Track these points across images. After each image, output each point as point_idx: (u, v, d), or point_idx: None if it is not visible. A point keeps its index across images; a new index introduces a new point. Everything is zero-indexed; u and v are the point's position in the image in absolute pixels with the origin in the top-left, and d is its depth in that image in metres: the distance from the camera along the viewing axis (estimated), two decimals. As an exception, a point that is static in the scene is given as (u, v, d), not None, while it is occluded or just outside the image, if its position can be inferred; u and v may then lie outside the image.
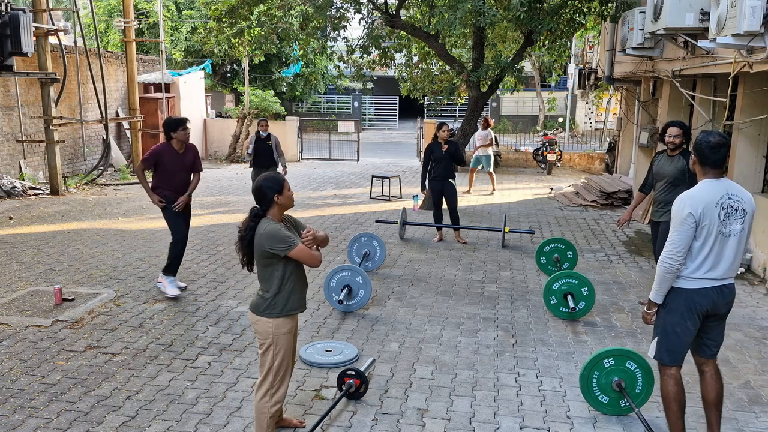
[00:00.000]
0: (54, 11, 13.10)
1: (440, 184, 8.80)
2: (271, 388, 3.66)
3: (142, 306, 6.22)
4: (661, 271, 3.57)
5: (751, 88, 7.55)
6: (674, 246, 3.51)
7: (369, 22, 11.59)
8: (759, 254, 7.55)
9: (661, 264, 3.56)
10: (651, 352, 3.80)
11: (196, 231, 9.48)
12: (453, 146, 8.74)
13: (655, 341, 3.76)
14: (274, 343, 3.63)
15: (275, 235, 3.48)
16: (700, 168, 3.60)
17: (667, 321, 3.67)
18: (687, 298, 3.59)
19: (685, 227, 3.48)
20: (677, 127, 5.96)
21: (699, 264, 3.54)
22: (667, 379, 3.75)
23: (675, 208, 3.53)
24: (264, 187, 3.56)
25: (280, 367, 3.66)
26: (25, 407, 4.25)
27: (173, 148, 6.45)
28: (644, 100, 12.14)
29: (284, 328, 3.62)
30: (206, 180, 14.96)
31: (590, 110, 29.14)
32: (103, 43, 22.97)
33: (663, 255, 3.55)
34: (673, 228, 3.53)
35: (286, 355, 3.66)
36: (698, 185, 3.58)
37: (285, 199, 3.59)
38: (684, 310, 3.61)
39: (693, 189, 3.57)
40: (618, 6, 9.93)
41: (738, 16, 5.72)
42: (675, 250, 3.51)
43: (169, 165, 6.42)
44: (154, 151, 6.45)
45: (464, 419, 4.21)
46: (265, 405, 3.66)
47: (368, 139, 27.64)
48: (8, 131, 12.67)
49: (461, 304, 6.48)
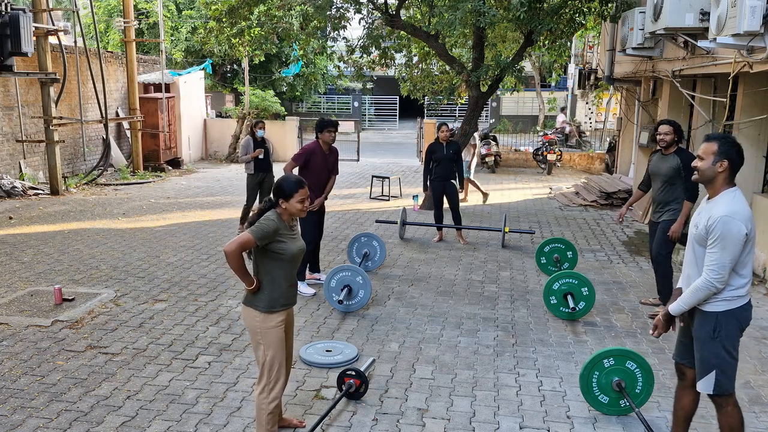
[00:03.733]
0: (54, 11, 13.10)
1: (441, 185, 8.81)
2: (267, 384, 3.67)
3: (142, 306, 6.22)
4: (704, 293, 3.30)
5: (751, 88, 7.55)
6: (725, 269, 3.24)
7: (369, 22, 11.58)
8: (759, 254, 7.55)
9: (709, 287, 3.27)
10: (708, 389, 3.41)
11: (196, 231, 9.49)
12: (454, 147, 8.76)
13: (711, 375, 3.38)
14: (263, 338, 3.64)
15: (263, 220, 3.56)
16: (729, 177, 3.31)
17: (726, 350, 3.36)
18: (739, 318, 3.36)
19: (738, 248, 3.23)
20: (667, 125, 5.94)
21: (745, 279, 3.33)
22: (733, 409, 3.45)
23: (724, 229, 3.20)
24: (277, 187, 3.64)
25: (273, 362, 3.65)
26: (25, 407, 4.25)
27: (321, 148, 6.59)
28: (644, 100, 12.14)
29: (271, 322, 3.63)
30: (206, 180, 14.97)
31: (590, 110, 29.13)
32: (103, 43, 22.97)
33: (711, 278, 3.25)
34: (724, 249, 3.22)
35: (277, 350, 3.66)
36: (736, 197, 3.30)
37: (291, 208, 3.62)
38: (738, 332, 3.38)
39: (733, 203, 3.27)
40: (618, 6, 9.93)
41: (738, 16, 5.72)
42: (724, 273, 3.24)
43: (317, 164, 6.57)
44: (306, 150, 6.60)
45: (464, 419, 4.21)
46: (263, 401, 3.67)
47: (368, 139, 27.63)
48: (8, 131, 12.67)
49: (461, 304, 6.48)
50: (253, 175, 9.17)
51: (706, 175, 3.35)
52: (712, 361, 3.37)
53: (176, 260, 7.87)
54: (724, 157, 3.28)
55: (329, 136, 6.57)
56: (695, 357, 3.48)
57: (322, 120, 6.66)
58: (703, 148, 3.36)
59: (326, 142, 6.60)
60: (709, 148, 3.33)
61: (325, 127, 6.55)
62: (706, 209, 3.38)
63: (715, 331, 3.34)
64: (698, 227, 3.36)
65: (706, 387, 3.42)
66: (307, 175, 6.58)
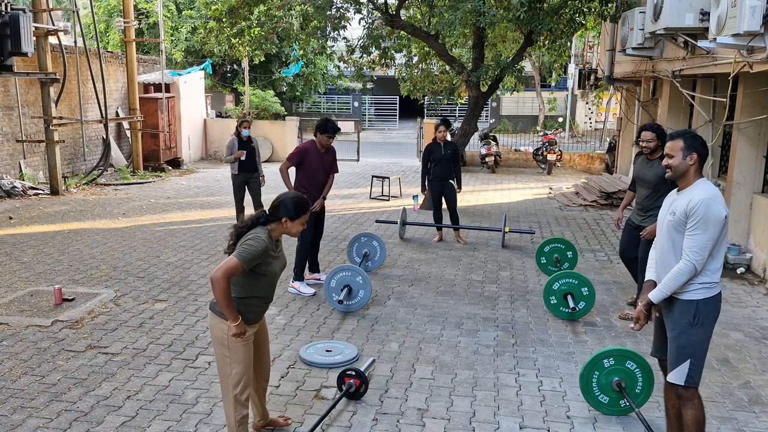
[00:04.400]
0: (54, 11, 13.09)
1: (440, 185, 8.80)
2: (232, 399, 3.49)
3: (142, 306, 6.22)
4: (686, 275, 3.35)
5: (751, 88, 7.55)
6: (705, 251, 3.32)
7: (369, 22, 11.59)
8: (759, 254, 7.55)
9: (690, 269, 3.33)
10: (680, 380, 3.44)
11: (196, 231, 9.49)
12: (452, 147, 8.75)
13: (685, 365, 3.41)
14: (230, 352, 3.44)
15: (250, 242, 3.34)
16: (699, 168, 3.47)
17: (702, 339, 3.41)
18: (715, 306, 3.43)
19: (718, 230, 3.32)
20: (650, 131, 5.74)
21: (719, 264, 3.41)
22: (699, 402, 3.48)
23: (706, 211, 3.30)
24: (282, 204, 3.45)
25: (239, 379, 3.47)
26: (25, 407, 4.25)
27: (317, 147, 6.58)
28: (644, 100, 12.14)
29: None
30: (206, 180, 14.97)
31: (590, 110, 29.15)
32: (103, 43, 22.98)
33: (693, 259, 3.32)
34: (705, 231, 3.30)
35: (243, 367, 3.48)
36: (708, 184, 3.44)
37: (291, 227, 3.47)
38: (713, 321, 3.43)
39: (710, 188, 3.40)
40: (618, 6, 9.94)
41: (738, 16, 5.72)
42: (705, 254, 3.32)
43: (312, 163, 6.56)
44: (300, 149, 6.59)
45: (464, 419, 4.20)
46: (231, 414, 3.53)
47: (368, 139, 27.63)
48: (8, 131, 12.67)
49: (461, 304, 6.48)
50: (237, 176, 9.00)
51: (679, 170, 3.49)
52: (688, 349, 3.41)
53: (176, 260, 7.87)
54: (692, 151, 3.45)
55: (327, 141, 6.54)
56: (669, 347, 3.51)
57: (326, 122, 6.56)
58: (670, 146, 3.53)
59: (323, 145, 6.58)
60: (676, 145, 3.50)
61: (327, 130, 6.50)
62: (681, 197, 3.48)
63: (695, 318, 3.40)
64: (675, 214, 3.44)
65: (678, 377, 3.45)
66: (302, 174, 6.58)
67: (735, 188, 7.91)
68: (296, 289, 6.69)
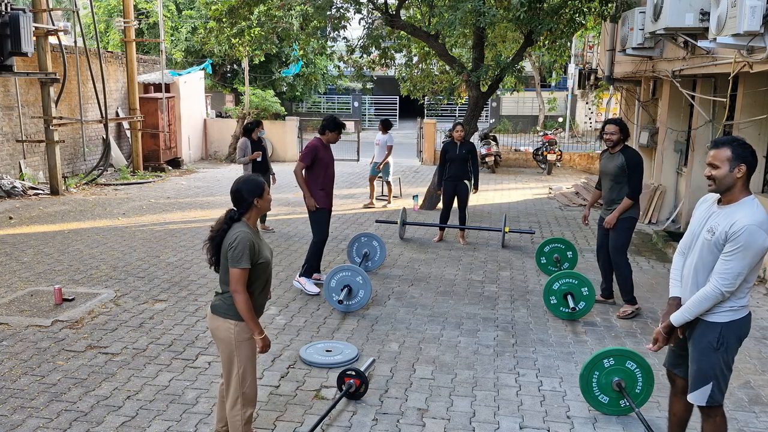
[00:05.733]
0: (54, 11, 13.09)
1: (453, 185, 8.81)
2: (240, 397, 3.52)
3: (142, 306, 6.22)
4: (712, 302, 3.16)
5: (751, 88, 7.55)
6: (738, 279, 3.09)
7: (369, 22, 11.58)
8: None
9: (717, 295, 3.13)
10: (701, 401, 3.29)
11: (196, 231, 9.49)
12: (468, 147, 8.79)
13: (707, 388, 3.26)
14: (237, 350, 3.47)
15: (237, 245, 3.34)
16: (747, 181, 3.12)
17: (725, 362, 3.26)
18: (742, 328, 3.25)
19: (757, 259, 3.07)
20: (613, 125, 6.02)
21: (749, 287, 3.21)
22: (721, 420, 3.35)
23: (749, 239, 3.03)
24: (244, 189, 3.45)
25: (245, 376, 3.50)
26: (25, 407, 4.25)
27: (323, 144, 6.66)
28: (644, 100, 12.14)
29: (246, 333, 3.46)
30: (206, 180, 14.97)
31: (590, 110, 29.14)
32: (103, 43, 22.97)
33: (722, 285, 3.11)
34: (744, 259, 3.06)
35: (249, 364, 3.52)
36: (758, 205, 3.11)
37: (264, 203, 3.51)
38: (737, 344, 3.27)
39: (757, 212, 3.07)
40: (618, 6, 9.93)
41: (738, 16, 5.71)
42: (737, 282, 3.10)
43: (323, 158, 6.62)
44: (310, 147, 6.62)
45: (464, 419, 4.20)
46: (237, 415, 3.53)
47: (368, 139, 27.56)
48: (8, 131, 12.67)
49: (461, 304, 6.48)
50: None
51: (724, 183, 3.13)
52: (709, 372, 3.25)
53: (176, 260, 7.87)
54: (741, 161, 3.09)
55: (335, 138, 6.65)
56: (690, 368, 3.36)
57: (335, 120, 6.67)
58: (714, 155, 3.14)
59: (330, 141, 6.66)
60: (722, 154, 3.12)
61: (336, 128, 6.62)
62: (723, 215, 3.16)
63: (718, 342, 3.22)
64: (714, 233, 3.15)
65: (699, 399, 3.30)
66: (315, 171, 6.62)
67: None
68: (301, 284, 6.68)
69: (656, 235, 9.48)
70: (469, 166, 8.79)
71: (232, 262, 3.34)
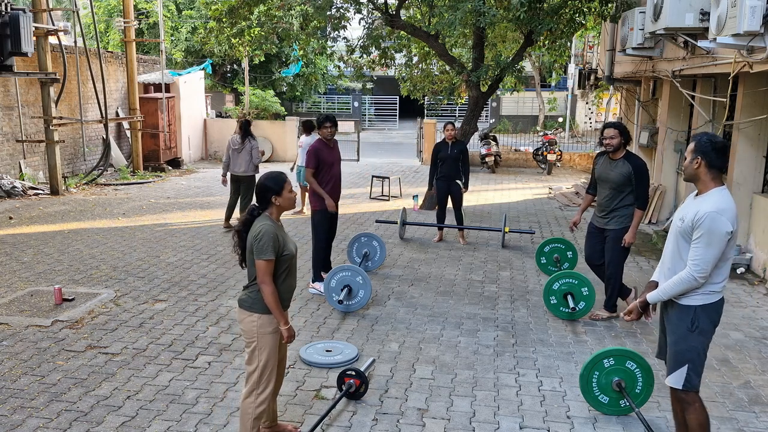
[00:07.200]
0: (54, 11, 13.09)
1: (446, 184, 8.81)
2: (256, 389, 3.59)
3: (142, 306, 6.22)
4: (686, 285, 3.33)
5: (751, 88, 7.55)
6: (708, 264, 3.27)
7: (369, 22, 11.59)
8: (759, 254, 7.55)
9: (691, 281, 3.31)
10: (678, 384, 3.45)
11: (196, 231, 9.49)
12: (460, 146, 8.77)
13: (683, 370, 3.43)
14: (258, 342, 3.57)
15: (261, 237, 3.45)
16: (710, 172, 3.35)
17: (700, 345, 3.41)
18: (715, 312, 3.41)
19: (722, 244, 3.26)
20: (613, 128, 5.72)
21: (724, 275, 3.39)
22: (700, 406, 3.48)
23: (711, 225, 3.24)
24: (264, 186, 3.56)
25: (265, 367, 3.58)
26: (25, 407, 4.25)
27: (324, 144, 6.69)
28: (644, 100, 12.14)
29: (269, 327, 3.55)
30: (206, 180, 14.96)
31: (590, 110, 29.14)
32: (103, 43, 22.97)
33: (694, 271, 3.29)
34: (709, 245, 3.26)
35: (271, 355, 3.59)
36: (724, 195, 3.33)
37: (284, 201, 3.58)
38: (712, 327, 3.43)
39: (721, 200, 3.30)
40: (618, 6, 9.93)
41: (738, 16, 5.71)
42: (708, 268, 3.28)
43: (326, 159, 6.65)
44: (312, 149, 6.65)
45: (464, 419, 4.20)
46: (250, 405, 3.59)
47: (368, 139, 27.61)
48: (8, 131, 12.67)
49: (461, 304, 6.48)
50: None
51: (687, 172, 3.45)
52: (686, 355, 3.42)
53: (176, 260, 7.87)
54: (698, 155, 3.37)
55: (326, 132, 6.64)
56: (668, 352, 3.54)
57: (318, 116, 6.81)
58: (687, 147, 3.49)
59: (326, 137, 6.67)
60: (689, 147, 3.45)
61: (322, 122, 6.66)
62: (693, 204, 3.41)
63: (693, 324, 3.40)
64: (684, 221, 3.39)
65: (676, 381, 3.46)
66: (322, 171, 6.63)
67: (735, 188, 7.91)
68: (317, 289, 6.67)
69: (656, 235, 9.48)
70: (461, 166, 8.78)
71: (258, 254, 3.45)
